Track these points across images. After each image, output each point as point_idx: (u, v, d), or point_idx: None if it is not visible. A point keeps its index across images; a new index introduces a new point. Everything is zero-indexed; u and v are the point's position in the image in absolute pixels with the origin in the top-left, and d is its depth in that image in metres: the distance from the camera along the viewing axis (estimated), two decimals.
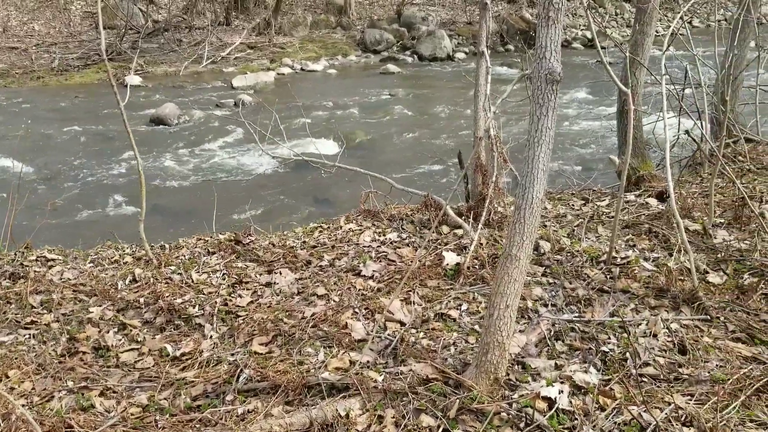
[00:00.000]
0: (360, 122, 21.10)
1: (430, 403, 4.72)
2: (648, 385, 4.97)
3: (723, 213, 8.17)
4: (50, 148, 18.66)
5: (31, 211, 11.09)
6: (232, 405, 4.97)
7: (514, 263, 4.71)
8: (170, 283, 7.29)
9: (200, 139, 19.16)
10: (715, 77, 10.57)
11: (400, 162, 16.43)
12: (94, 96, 24.97)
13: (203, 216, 10.40)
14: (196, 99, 24.77)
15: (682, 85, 10.14)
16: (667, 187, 7.09)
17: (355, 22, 39.39)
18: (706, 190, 8.37)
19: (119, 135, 19.30)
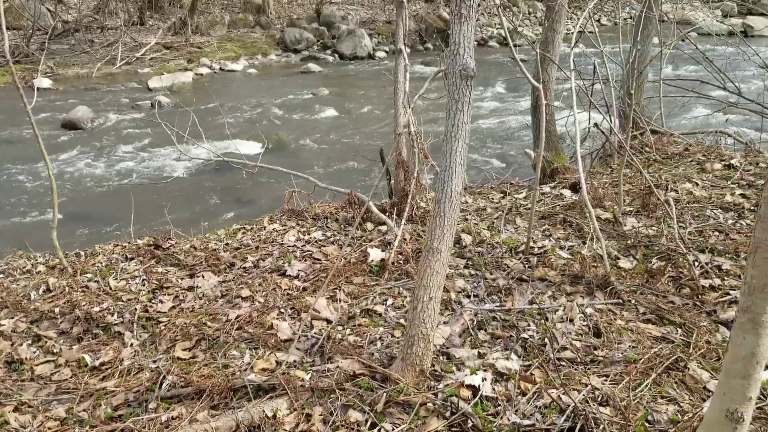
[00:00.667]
0: (282, 122, 20.92)
1: (358, 399, 4.76)
2: (566, 369, 5.17)
3: (632, 201, 8.59)
4: None
5: None
6: (155, 413, 4.85)
7: (435, 256, 4.80)
8: (87, 292, 7.03)
9: (116, 142, 18.51)
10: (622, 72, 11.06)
11: (324, 161, 16.40)
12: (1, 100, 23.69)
13: (121, 222, 10.09)
14: (110, 101, 23.90)
15: (591, 81, 10.57)
16: (579, 179, 7.38)
17: (274, 21, 38.96)
18: (615, 180, 8.77)
19: (29, 140, 18.41)
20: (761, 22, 30.89)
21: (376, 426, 4.51)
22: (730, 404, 3.90)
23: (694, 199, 8.62)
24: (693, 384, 4.98)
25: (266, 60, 33.41)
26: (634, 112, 9.88)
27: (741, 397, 3.89)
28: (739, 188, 8.99)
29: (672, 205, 7.74)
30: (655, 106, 12.89)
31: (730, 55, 13.61)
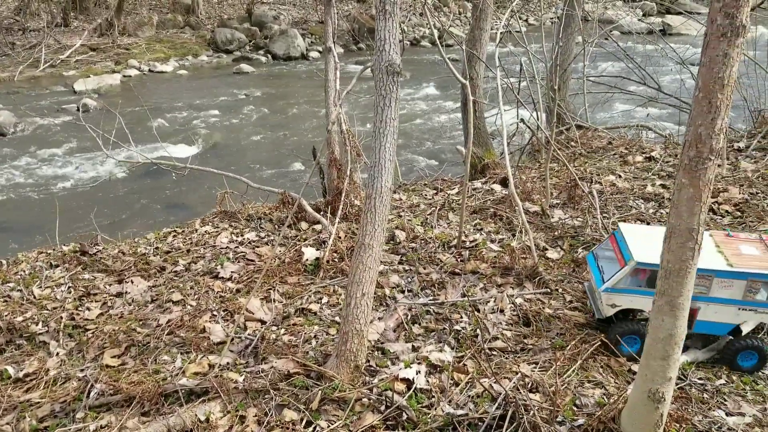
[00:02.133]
0: (214, 124, 20.55)
1: (293, 398, 4.74)
2: (497, 358, 5.30)
3: (559, 194, 8.84)
4: None
5: None
6: (83, 422, 4.71)
7: (367, 252, 4.83)
8: (9, 301, 6.75)
9: (40, 147, 17.79)
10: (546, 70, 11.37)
11: (257, 161, 16.21)
12: None
13: (45, 229, 9.68)
14: (34, 105, 22.92)
15: (518, 78, 10.82)
16: (507, 174, 7.56)
17: (204, 22, 38.20)
18: (543, 175, 9.01)
19: None
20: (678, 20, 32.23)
21: (311, 424, 4.51)
22: (652, 385, 4.08)
23: (617, 190, 8.95)
24: (618, 368, 5.18)
25: (197, 61, 32.71)
26: (559, 108, 10.16)
27: (661, 377, 4.08)
28: (660, 179, 9.39)
29: (596, 197, 8.02)
30: (580, 102, 13.29)
31: (649, 52, 14.18)
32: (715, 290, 5.27)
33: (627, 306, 5.48)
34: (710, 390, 5.04)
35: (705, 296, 5.30)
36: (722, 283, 5.24)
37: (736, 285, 5.24)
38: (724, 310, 5.33)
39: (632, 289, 5.42)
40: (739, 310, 5.32)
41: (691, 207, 3.65)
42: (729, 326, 5.42)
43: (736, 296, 5.27)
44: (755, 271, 5.21)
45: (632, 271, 5.38)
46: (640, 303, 5.43)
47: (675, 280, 3.88)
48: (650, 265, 5.27)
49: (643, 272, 5.40)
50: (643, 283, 5.41)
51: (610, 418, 4.27)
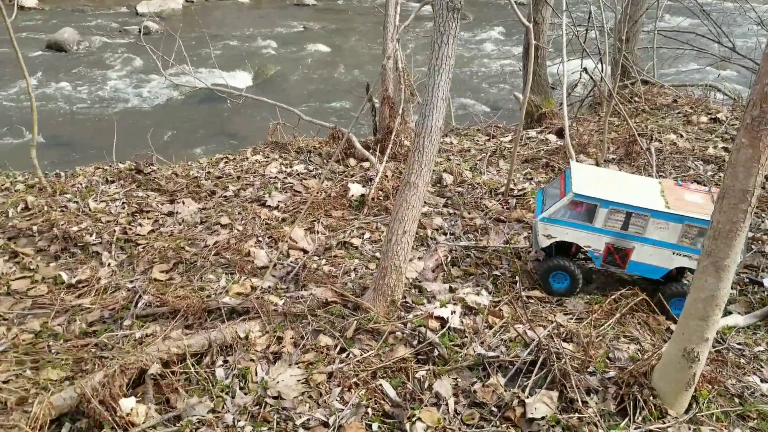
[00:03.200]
0: (271, 54, 20.54)
1: (329, 324, 4.86)
2: (534, 306, 5.30)
3: (616, 149, 8.61)
4: None
5: None
6: (129, 329, 4.94)
7: (412, 190, 4.82)
8: (66, 212, 7.03)
9: (101, 66, 18.14)
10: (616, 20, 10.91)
11: (311, 95, 16.20)
12: None
13: (103, 145, 9.95)
14: (97, 24, 23.30)
15: (585, 27, 10.44)
16: (564, 124, 7.39)
17: None
18: (601, 128, 8.76)
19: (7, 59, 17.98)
20: None
21: (345, 351, 4.63)
22: (688, 344, 4.03)
23: (677, 150, 8.66)
24: (656, 326, 5.13)
25: None
26: (625, 61, 9.80)
27: (698, 337, 4.02)
28: (723, 142, 9.04)
29: (654, 155, 7.79)
30: (648, 57, 12.76)
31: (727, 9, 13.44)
32: (651, 231, 5.22)
33: (562, 238, 5.44)
34: (748, 355, 4.95)
35: (640, 236, 5.26)
36: (657, 225, 5.19)
37: (671, 228, 5.18)
38: (659, 253, 5.27)
39: (568, 221, 5.39)
40: (674, 254, 5.25)
41: (748, 168, 3.52)
42: (662, 270, 5.36)
43: (671, 239, 5.21)
44: (691, 215, 5.12)
45: (570, 203, 5.34)
46: (575, 236, 5.40)
47: (723, 241, 3.77)
48: (588, 198, 5.27)
49: (580, 205, 5.34)
50: (580, 217, 5.37)
51: (642, 373, 4.26)
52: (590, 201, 5.24)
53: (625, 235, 5.29)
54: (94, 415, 3.90)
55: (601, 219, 5.28)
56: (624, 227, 5.27)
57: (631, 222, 5.24)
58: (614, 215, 5.25)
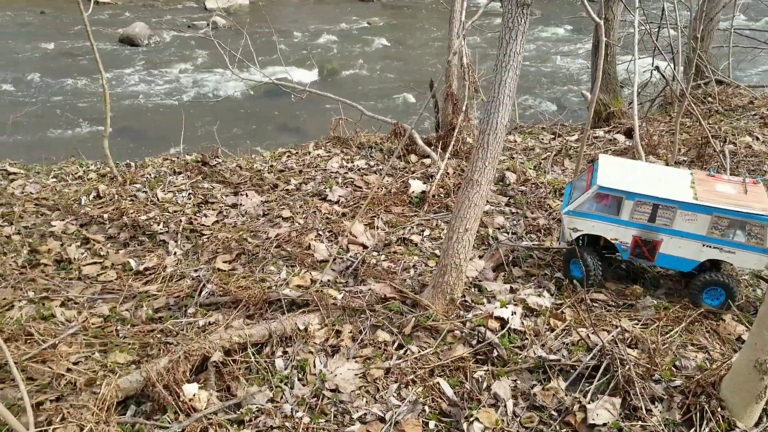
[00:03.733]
0: (335, 50, 20.70)
1: (387, 320, 4.85)
2: (598, 310, 5.16)
3: (687, 151, 8.30)
4: (14, 63, 18.03)
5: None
6: (193, 317, 5.05)
7: (475, 188, 4.76)
8: (135, 201, 7.25)
9: (170, 60, 18.66)
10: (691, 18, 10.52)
11: (374, 91, 16.25)
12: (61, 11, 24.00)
13: (170, 137, 10.25)
14: (167, 19, 23.96)
15: (658, 24, 10.10)
16: (634, 124, 7.16)
17: None
18: (672, 129, 8.47)
19: (84, 52, 18.70)
20: None
21: (402, 347, 4.62)
22: (760, 355, 3.84)
23: (752, 153, 8.28)
24: (726, 335, 4.92)
25: None
26: (699, 60, 9.44)
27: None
28: None
29: (728, 157, 7.47)
30: (723, 56, 12.25)
31: None
32: (679, 223, 5.11)
33: (588, 231, 5.38)
34: None
35: (668, 228, 5.14)
36: (686, 216, 5.07)
37: (700, 219, 5.03)
38: (688, 245, 5.13)
39: (594, 214, 5.33)
40: (704, 246, 5.11)
41: None
42: (692, 263, 5.20)
43: (700, 231, 5.07)
44: (720, 206, 4.96)
45: (595, 196, 5.29)
46: (602, 229, 5.33)
47: None
48: (613, 190, 5.20)
49: (606, 198, 5.28)
50: (606, 209, 5.31)
51: (710, 384, 4.09)
52: (615, 193, 5.20)
53: (653, 227, 5.20)
54: (158, 398, 4.01)
55: (627, 211, 5.23)
56: (651, 219, 5.19)
57: (658, 214, 5.18)
58: (640, 207, 5.19)
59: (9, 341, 4.65)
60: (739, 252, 5.04)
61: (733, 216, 4.96)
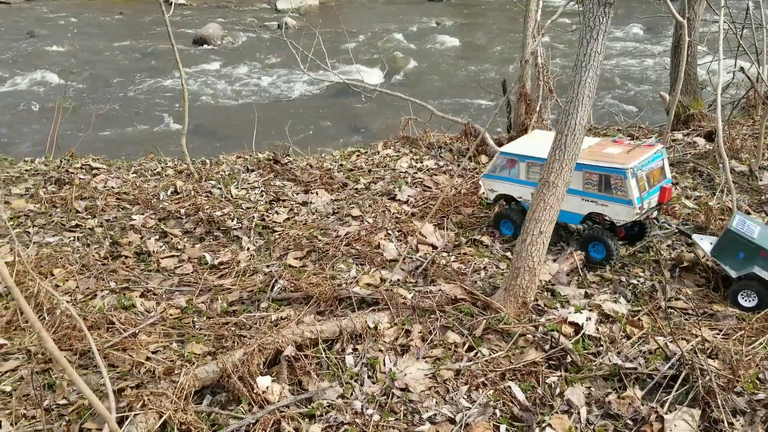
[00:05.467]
0: (404, 50, 20.73)
1: (457, 322, 4.81)
2: (677, 318, 4.98)
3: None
4: (94, 62, 18.85)
5: (76, 121, 11.33)
6: (266, 312, 5.14)
7: (551, 190, 4.68)
8: (210, 197, 7.45)
9: (242, 60, 19.12)
10: None
11: (443, 91, 16.17)
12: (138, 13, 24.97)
13: (243, 135, 10.48)
14: (239, 20, 24.58)
15: (742, 24, 9.68)
16: (716, 127, 6.88)
17: None
18: (756, 132, 8.10)
19: (161, 52, 19.35)
20: None
21: (473, 349, 4.57)
22: None
23: None
24: None
25: None
26: None
27: None
28: None
29: None
30: None
31: None
32: None
33: (502, 191, 6.31)
34: None
35: None
36: None
37: (575, 176, 5.49)
38: (572, 200, 5.68)
39: (503, 176, 6.22)
40: (583, 200, 5.74)
41: None
42: (578, 216, 5.87)
43: (577, 187, 5.66)
44: (588, 163, 5.55)
45: (501, 160, 6.17)
46: (510, 189, 6.24)
47: None
48: (509, 154, 6.12)
49: (510, 162, 6.11)
50: (511, 172, 6.15)
51: None
52: (512, 156, 6.10)
53: None
54: (233, 389, 4.09)
55: (523, 172, 6.07)
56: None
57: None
58: (533, 168, 5.97)
59: (92, 329, 4.85)
60: (611, 204, 5.62)
61: (596, 170, 5.58)
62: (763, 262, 5.01)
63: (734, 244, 5.18)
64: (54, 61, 18.47)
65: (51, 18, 24.56)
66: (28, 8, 26.22)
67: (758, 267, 5.02)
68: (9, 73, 17.43)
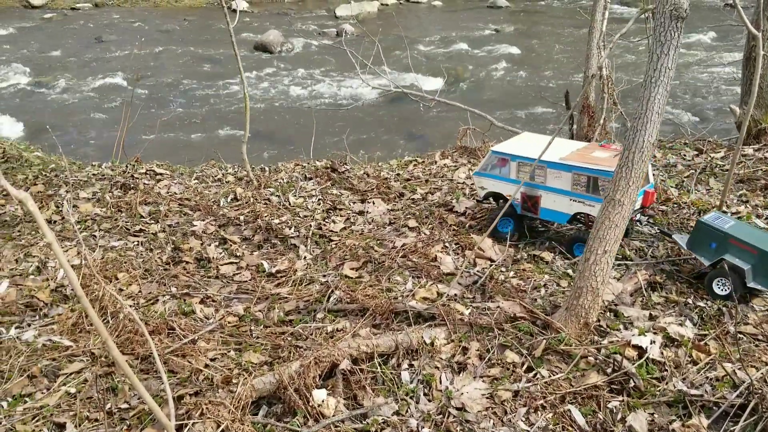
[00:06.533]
0: (463, 58, 20.62)
1: (516, 341, 4.72)
2: (746, 344, 4.76)
3: None
4: (160, 68, 19.40)
5: (142, 127, 11.66)
6: (322, 322, 5.15)
7: (616, 208, 4.54)
8: (269, 204, 7.54)
9: (301, 66, 19.35)
10: None
11: (502, 100, 16.00)
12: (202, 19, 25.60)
13: (301, 142, 10.61)
14: (299, 27, 24.91)
15: None
16: None
17: None
18: None
19: (224, 59, 19.75)
20: None
21: (532, 370, 4.47)
22: None
23: None
24: None
25: None
26: None
27: None
28: None
29: None
30: None
31: None
32: (551, 180, 6.10)
33: (492, 189, 6.55)
34: None
35: (544, 185, 6.17)
36: (554, 174, 6.04)
37: (564, 176, 5.98)
38: (559, 200, 6.05)
39: (495, 174, 6.47)
40: (571, 201, 6.02)
41: None
42: (566, 216, 6.16)
43: (566, 187, 5.99)
44: (578, 164, 5.85)
45: (493, 159, 6.46)
46: (500, 187, 6.47)
47: None
48: (501, 153, 6.38)
49: (502, 161, 6.39)
50: (503, 171, 6.40)
51: None
52: (503, 156, 6.36)
53: (533, 184, 6.24)
54: (289, 401, 4.10)
55: (514, 171, 6.33)
56: (531, 177, 6.21)
57: (535, 173, 6.18)
58: (523, 167, 6.24)
59: (153, 334, 4.95)
60: (597, 205, 5.63)
61: (587, 172, 5.87)
62: (734, 250, 5.36)
63: (706, 235, 5.54)
64: (121, 66, 19.09)
65: (118, 23, 25.41)
66: (96, 14, 27.20)
67: (729, 254, 5.37)
68: (78, 78, 18.10)
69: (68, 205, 7.23)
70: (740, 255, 5.30)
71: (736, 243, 5.35)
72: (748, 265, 5.25)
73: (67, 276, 3.37)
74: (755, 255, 5.24)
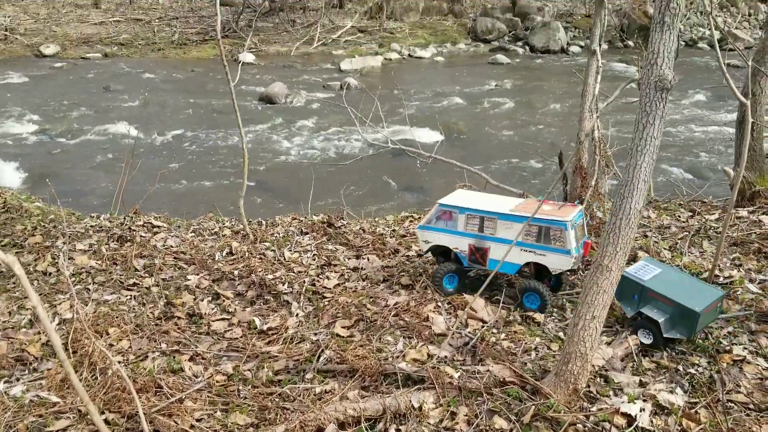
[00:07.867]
0: (462, 112, 20.93)
1: (505, 406, 4.68)
2: (737, 413, 4.71)
3: None
4: (164, 117, 19.69)
5: (142, 177, 11.77)
6: (310, 383, 5.12)
7: (604, 274, 4.56)
8: (264, 259, 7.56)
9: (304, 119, 19.63)
10: None
11: (499, 156, 16.18)
12: (209, 71, 26.10)
13: (300, 195, 10.67)
14: (304, 80, 25.35)
15: None
16: None
17: (467, 10, 38.99)
18: None
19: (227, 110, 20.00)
20: None
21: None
22: None
23: None
24: None
25: (455, 48, 33.58)
26: None
27: None
28: None
29: None
30: None
31: None
32: (501, 231, 6.23)
33: (436, 242, 6.64)
34: None
35: (493, 237, 6.29)
36: (505, 225, 6.19)
37: (515, 227, 6.08)
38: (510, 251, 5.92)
39: (439, 228, 6.58)
40: (522, 251, 6.14)
41: None
42: (515, 266, 6.29)
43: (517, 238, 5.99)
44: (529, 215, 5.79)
45: (438, 212, 6.55)
46: (446, 240, 6.57)
47: None
48: (448, 206, 6.52)
49: (446, 214, 6.52)
50: (447, 224, 6.51)
51: None
52: (451, 209, 6.49)
53: (482, 236, 6.36)
54: None
55: (462, 223, 6.43)
56: (480, 229, 6.36)
57: (485, 225, 6.34)
58: (471, 220, 6.39)
59: (141, 392, 4.92)
60: (549, 254, 6.05)
61: (539, 223, 5.99)
62: (652, 302, 5.57)
63: (628, 287, 5.69)
64: (126, 115, 19.39)
65: (127, 73, 25.91)
66: (106, 64, 27.76)
67: (647, 307, 5.57)
68: (84, 127, 18.37)
69: (64, 257, 7.27)
70: (657, 306, 5.52)
71: (653, 295, 5.58)
72: (663, 316, 5.46)
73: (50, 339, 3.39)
74: (671, 306, 5.45)
